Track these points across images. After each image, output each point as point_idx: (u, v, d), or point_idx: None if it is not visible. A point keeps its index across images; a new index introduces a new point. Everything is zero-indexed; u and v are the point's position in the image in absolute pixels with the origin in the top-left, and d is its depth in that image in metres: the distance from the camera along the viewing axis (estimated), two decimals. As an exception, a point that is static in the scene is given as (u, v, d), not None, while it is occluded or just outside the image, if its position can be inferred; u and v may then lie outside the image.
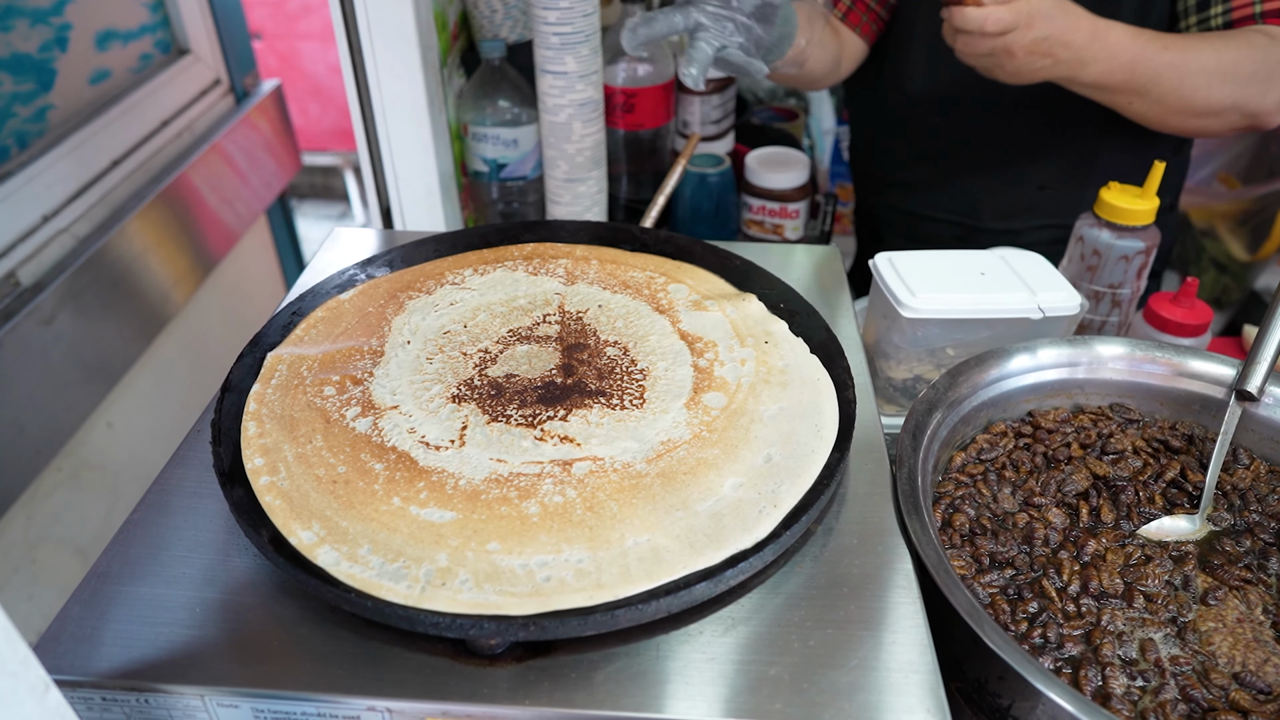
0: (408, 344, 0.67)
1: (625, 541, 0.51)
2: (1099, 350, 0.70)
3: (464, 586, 0.48)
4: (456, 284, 0.74)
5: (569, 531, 0.51)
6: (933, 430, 0.64)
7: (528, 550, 0.50)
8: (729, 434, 0.58)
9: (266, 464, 0.55)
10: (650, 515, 0.52)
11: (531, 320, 0.70)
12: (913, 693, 0.47)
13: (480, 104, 1.10)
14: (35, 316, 1.29)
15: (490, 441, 0.57)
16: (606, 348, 0.66)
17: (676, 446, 0.57)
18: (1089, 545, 0.60)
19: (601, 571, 0.49)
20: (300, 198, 3.34)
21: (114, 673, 0.47)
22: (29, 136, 1.35)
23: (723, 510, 0.53)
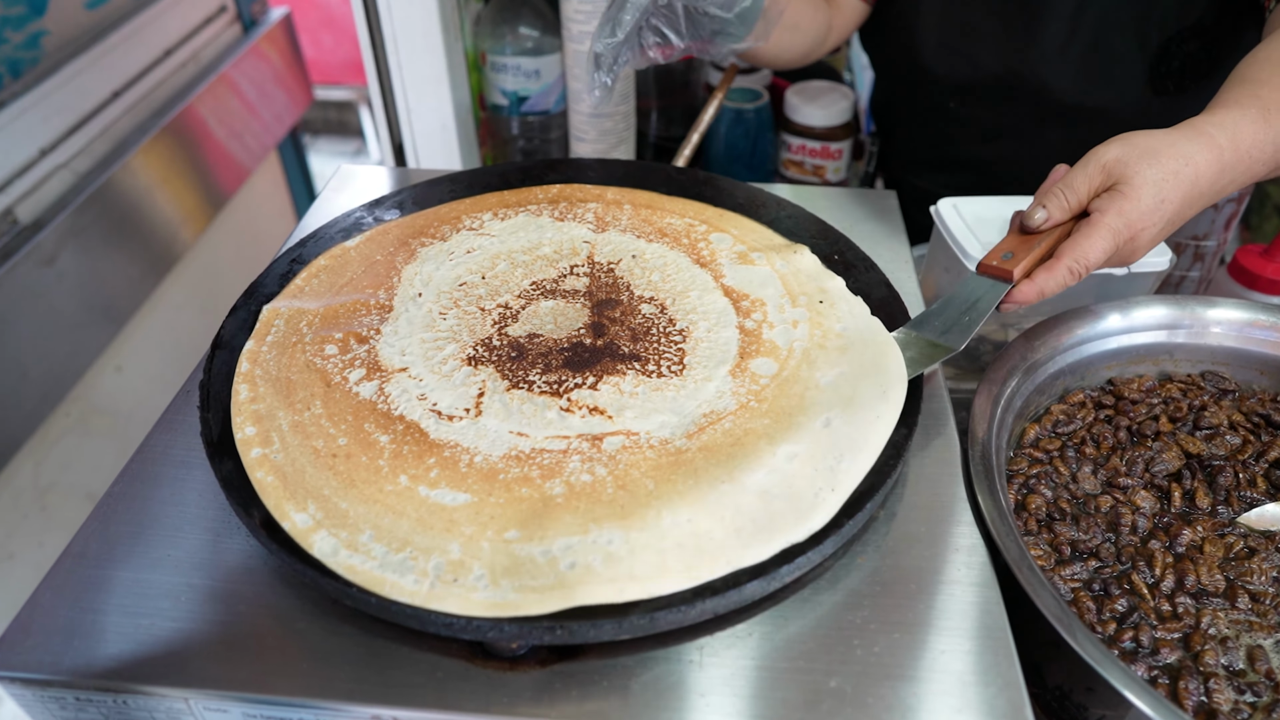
0: (419, 297, 0.60)
1: (662, 521, 0.44)
2: (1203, 312, 0.62)
3: (479, 584, 0.42)
4: (474, 229, 0.67)
5: (597, 510, 0.45)
6: (1007, 401, 0.57)
7: (550, 533, 0.44)
8: (780, 402, 0.51)
9: (259, 434, 0.49)
10: (692, 491, 0.46)
11: (557, 272, 0.63)
12: (995, 709, 0.41)
13: (499, 31, 1.01)
14: (35, 256, 1.23)
15: (510, 412, 0.51)
16: (641, 304, 0.59)
17: (721, 418, 0.51)
18: (1183, 534, 0.53)
19: (635, 558, 0.43)
20: (314, 133, 3.24)
21: (89, 670, 0.42)
22: (22, 65, 1.28)
23: (774, 488, 0.46)
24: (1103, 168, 0.57)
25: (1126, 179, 0.56)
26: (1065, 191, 0.58)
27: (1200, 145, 0.57)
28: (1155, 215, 0.56)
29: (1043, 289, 0.57)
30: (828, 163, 1.11)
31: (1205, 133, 0.57)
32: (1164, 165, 0.56)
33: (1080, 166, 0.58)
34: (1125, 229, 0.56)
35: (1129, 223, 0.56)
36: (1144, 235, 0.56)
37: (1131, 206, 0.56)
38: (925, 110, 0.99)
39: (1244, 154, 0.58)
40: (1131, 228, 0.56)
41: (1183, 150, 0.56)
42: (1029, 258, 0.57)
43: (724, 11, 0.68)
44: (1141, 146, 0.57)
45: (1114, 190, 0.57)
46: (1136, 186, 0.56)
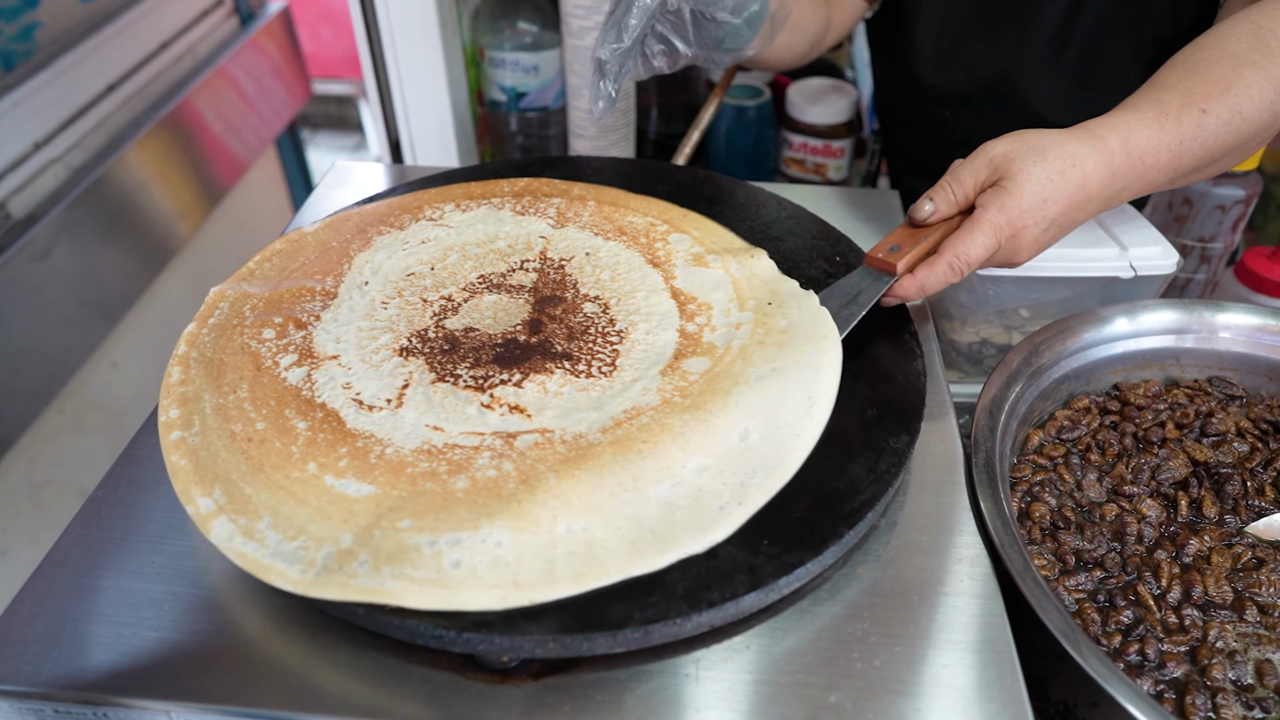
0: (365, 285, 0.59)
1: (556, 527, 0.43)
2: (1211, 317, 0.61)
3: (360, 569, 0.41)
4: (434, 220, 0.66)
5: (493, 505, 0.44)
6: (1010, 406, 0.56)
7: (442, 525, 0.43)
8: (704, 397, 0.50)
9: (181, 416, 0.48)
10: (592, 495, 0.44)
11: (507, 266, 0.62)
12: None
13: (498, 25, 1.00)
14: (29, 251, 1.22)
15: (431, 405, 0.50)
16: (584, 303, 0.58)
17: (640, 413, 0.49)
18: (1190, 544, 0.52)
19: (521, 565, 0.41)
20: (313, 128, 3.23)
21: (69, 682, 0.41)
22: (15, 57, 1.26)
23: (678, 500, 0.45)
24: (990, 161, 0.57)
25: (1011, 175, 0.56)
26: (952, 185, 0.58)
27: (1090, 148, 0.56)
28: (1037, 214, 0.55)
29: (924, 284, 0.57)
30: (829, 161, 1.09)
31: (1097, 135, 0.56)
32: (1050, 164, 0.55)
33: (969, 161, 0.58)
34: (1006, 225, 0.55)
35: (1010, 219, 0.55)
36: (1026, 234, 0.56)
37: (1013, 203, 0.55)
38: (921, 118, 0.97)
39: (1137, 159, 0.57)
40: (1012, 224, 0.55)
41: (1071, 150, 0.56)
42: (914, 251, 0.57)
43: (733, 17, 0.66)
44: (1030, 143, 0.56)
45: (998, 186, 0.56)
46: (1020, 183, 0.55)
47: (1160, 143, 0.57)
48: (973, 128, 0.92)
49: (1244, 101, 0.58)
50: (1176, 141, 0.57)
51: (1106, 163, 0.56)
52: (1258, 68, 0.58)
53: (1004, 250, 0.57)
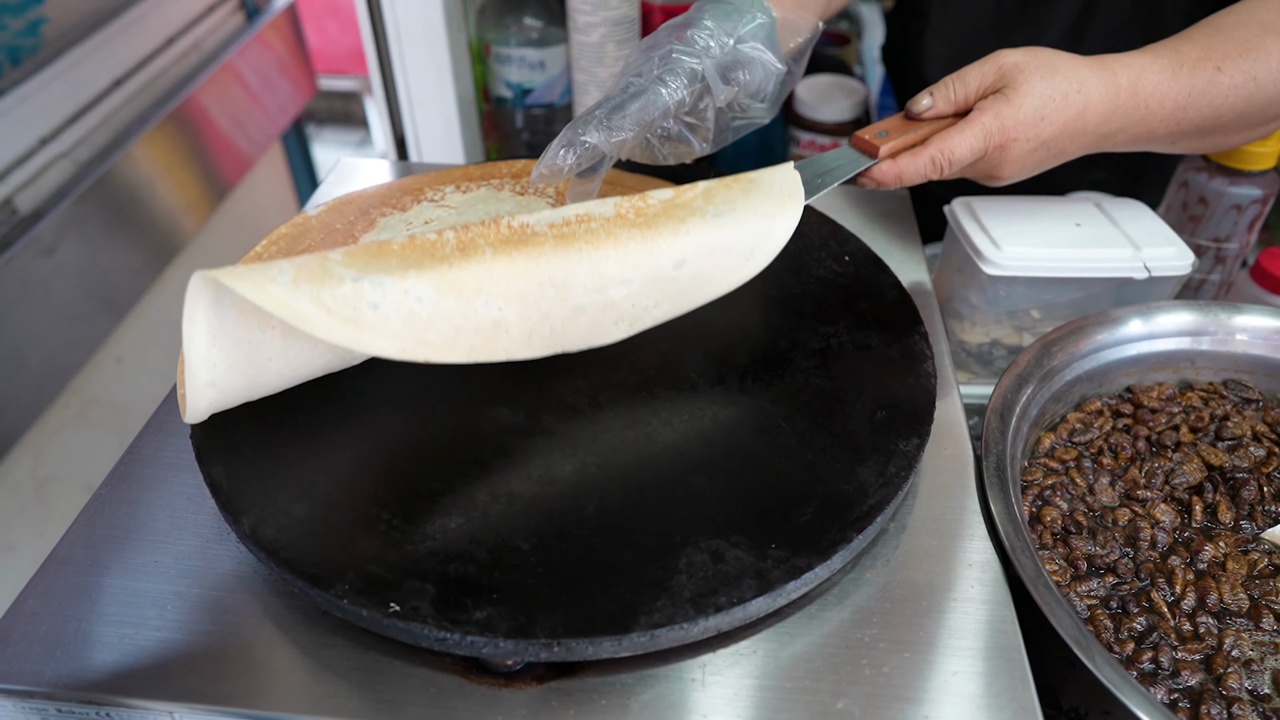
0: None
1: (476, 299, 0.44)
2: (1228, 319, 0.60)
3: (280, 278, 0.40)
4: (436, 200, 0.67)
5: (425, 262, 0.43)
6: (1022, 409, 0.55)
7: (370, 267, 0.42)
8: (658, 221, 0.49)
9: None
10: (520, 280, 0.45)
11: None
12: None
13: (504, 21, 0.99)
14: (35, 246, 1.22)
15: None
16: None
17: (590, 219, 0.48)
18: (1205, 550, 0.51)
19: (432, 325, 0.43)
20: (319, 123, 3.22)
21: (72, 681, 0.41)
22: (21, 52, 1.26)
23: (589, 307, 0.47)
24: (998, 68, 0.56)
25: (1015, 84, 0.55)
26: (955, 84, 0.57)
27: (1099, 78, 0.55)
28: (1031, 130, 0.55)
29: (902, 173, 0.56)
30: (838, 159, 1.08)
31: (1110, 68, 0.56)
32: (1057, 84, 0.55)
33: (978, 64, 0.57)
34: (998, 133, 0.55)
35: (1003, 127, 0.54)
36: (1014, 148, 0.55)
37: (1010, 112, 0.54)
38: None
39: (1141, 102, 0.56)
40: (1004, 133, 0.55)
41: (1081, 76, 0.55)
42: (901, 140, 0.56)
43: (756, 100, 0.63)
44: (1043, 60, 0.55)
45: (999, 93, 0.55)
46: (1023, 94, 0.54)
47: (1168, 90, 0.57)
48: None
49: (1261, 68, 0.57)
50: (1185, 93, 0.57)
51: (1111, 97, 0.56)
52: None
53: (989, 159, 0.56)
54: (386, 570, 0.41)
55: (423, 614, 0.39)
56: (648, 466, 0.47)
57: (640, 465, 0.47)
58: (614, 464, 0.47)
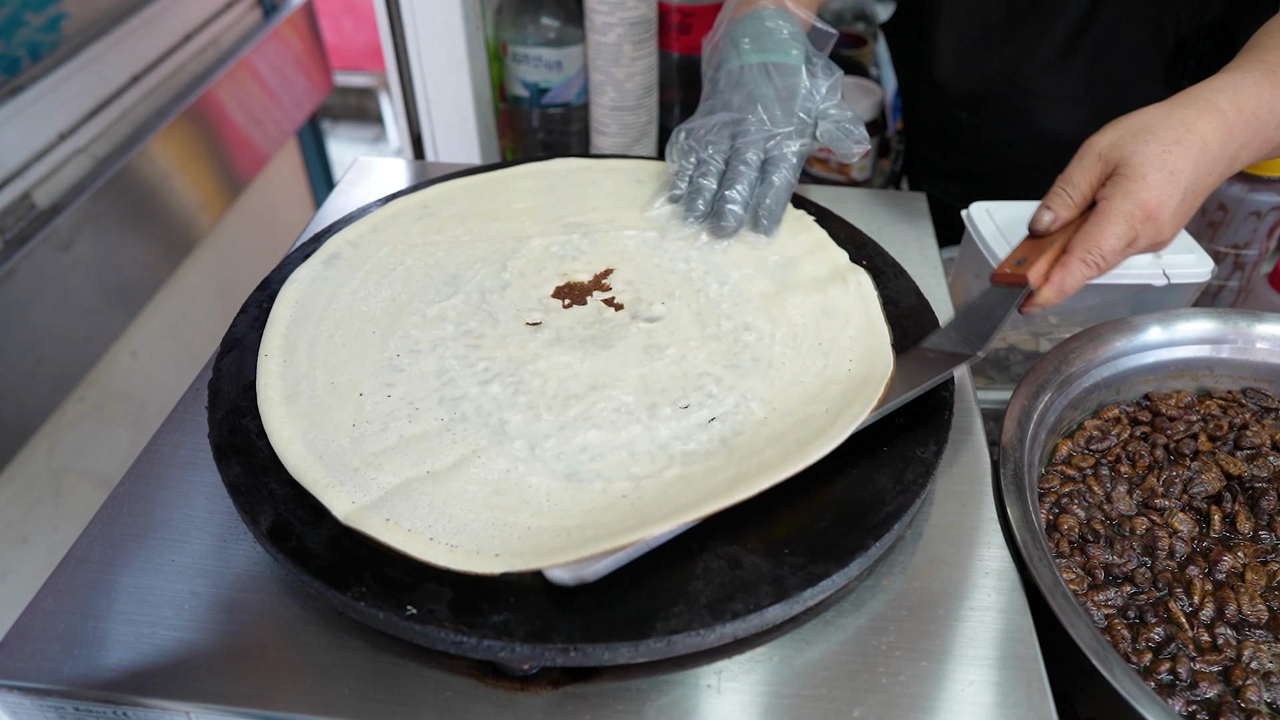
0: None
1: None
2: (1248, 327, 0.60)
3: None
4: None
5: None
6: (1039, 416, 0.55)
7: None
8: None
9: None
10: None
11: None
12: (1026, 748, 0.39)
13: (521, 21, 0.99)
14: (52, 241, 1.23)
15: None
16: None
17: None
18: (1223, 560, 0.51)
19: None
20: (334, 119, 3.23)
21: (89, 680, 0.41)
22: (42, 48, 1.27)
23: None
24: (1099, 156, 0.55)
25: (1125, 160, 0.54)
26: (1067, 189, 0.56)
27: (1198, 110, 0.54)
28: (1168, 188, 0.53)
29: (1061, 286, 0.54)
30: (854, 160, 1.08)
31: (1202, 98, 0.55)
32: (1162, 137, 0.53)
33: (1076, 160, 0.56)
34: (1138, 210, 0.53)
35: (1140, 204, 0.53)
36: (1164, 212, 0.53)
37: (1138, 186, 0.53)
38: (940, 121, 0.96)
39: (1250, 116, 0.55)
40: (1145, 208, 0.53)
41: (1180, 118, 0.54)
42: (1043, 259, 0.55)
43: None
44: (1135, 126, 0.54)
45: (1116, 175, 0.54)
46: (1137, 165, 0.53)
47: (1272, 97, 0.55)
48: (986, 130, 0.91)
49: None
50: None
51: (1220, 121, 0.55)
52: None
53: (1144, 235, 0.54)
54: (403, 572, 0.41)
55: (439, 617, 0.39)
56: (664, 471, 0.47)
57: (656, 470, 0.47)
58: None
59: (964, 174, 0.98)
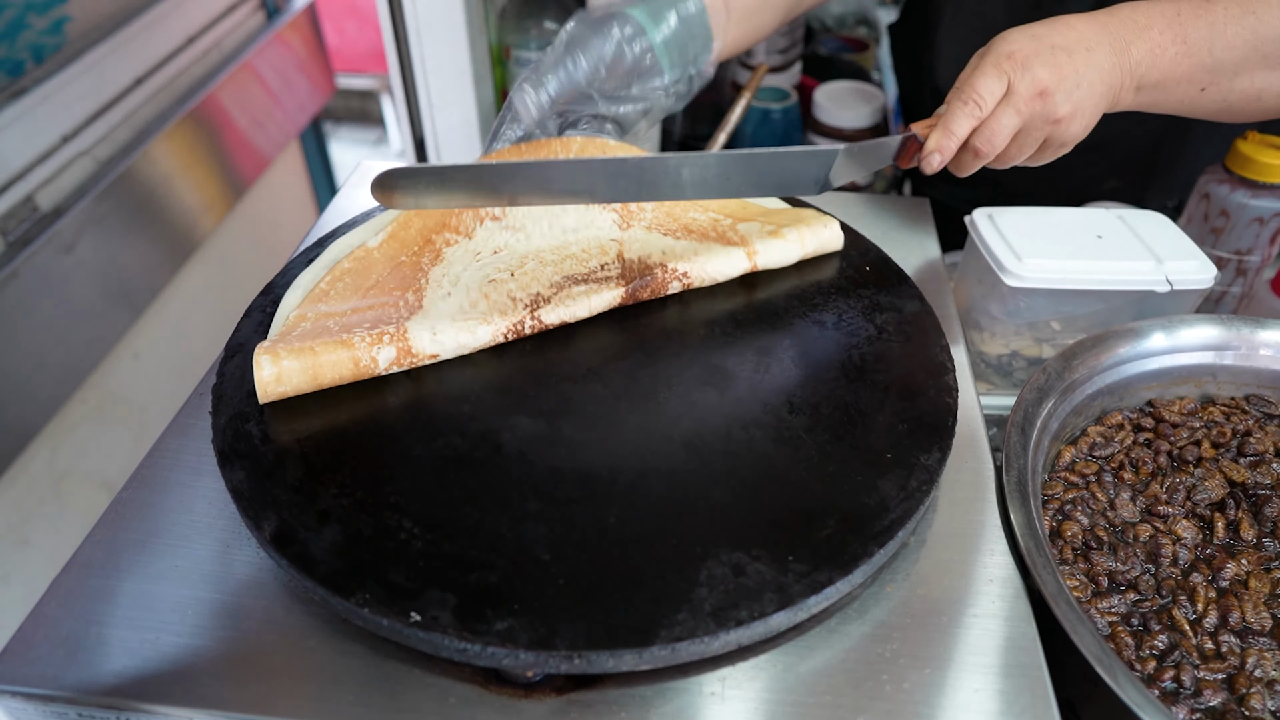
0: (449, 296, 0.59)
1: None
2: (1252, 334, 0.60)
3: None
4: (499, 219, 0.65)
5: None
6: (1042, 422, 0.55)
7: None
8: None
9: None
10: None
11: (587, 269, 0.61)
12: (1030, 756, 0.39)
13: (524, 24, 0.99)
14: (55, 243, 1.23)
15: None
16: (673, 280, 0.61)
17: None
18: (1227, 568, 0.51)
19: None
20: (336, 121, 3.24)
21: (92, 686, 0.41)
22: (45, 50, 1.27)
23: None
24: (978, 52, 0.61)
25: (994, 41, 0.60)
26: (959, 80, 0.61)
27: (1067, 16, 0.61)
28: (1030, 43, 0.58)
29: (947, 125, 0.60)
30: (856, 165, 1.08)
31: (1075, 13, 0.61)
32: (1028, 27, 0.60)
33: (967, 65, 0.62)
34: (1005, 56, 0.58)
35: (1008, 52, 0.58)
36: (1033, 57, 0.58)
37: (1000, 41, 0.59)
38: None
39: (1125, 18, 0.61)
40: (1011, 54, 0.58)
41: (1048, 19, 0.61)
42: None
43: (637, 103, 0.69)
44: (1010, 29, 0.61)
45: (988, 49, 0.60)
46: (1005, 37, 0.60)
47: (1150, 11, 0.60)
48: None
49: (1260, 5, 0.60)
50: (1173, 13, 0.60)
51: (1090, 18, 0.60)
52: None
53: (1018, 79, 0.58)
54: (407, 579, 0.41)
55: (443, 624, 0.39)
56: (669, 477, 0.47)
57: (661, 476, 0.47)
58: (635, 474, 0.47)
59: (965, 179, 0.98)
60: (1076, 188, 0.90)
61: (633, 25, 0.66)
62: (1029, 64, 0.58)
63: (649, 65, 0.68)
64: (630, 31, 0.66)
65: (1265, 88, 0.63)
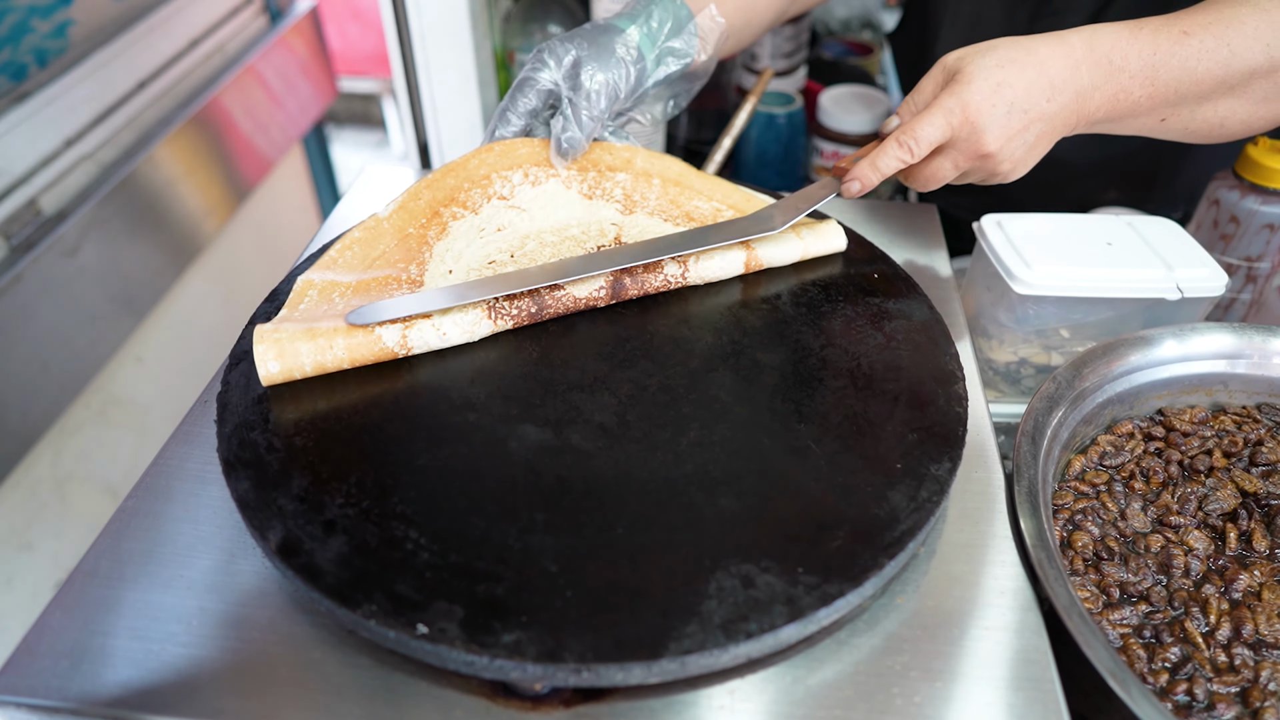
0: (449, 274, 0.60)
1: None
2: (1264, 342, 0.59)
3: None
4: (505, 198, 0.67)
5: None
6: (1053, 431, 0.55)
7: None
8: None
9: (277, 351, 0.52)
10: None
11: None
12: (1044, 772, 0.39)
13: (529, 29, 0.99)
14: (59, 247, 1.23)
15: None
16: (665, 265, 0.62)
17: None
18: (1240, 579, 0.50)
19: None
20: (338, 124, 3.24)
21: (96, 697, 0.41)
22: (49, 54, 1.27)
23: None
24: (943, 66, 0.59)
25: (962, 69, 0.58)
26: (914, 96, 0.60)
27: (1047, 40, 0.58)
28: (992, 97, 0.56)
29: (874, 162, 0.59)
30: (861, 170, 1.08)
31: (1058, 33, 0.58)
32: (1000, 54, 0.57)
33: (928, 74, 0.60)
34: (959, 109, 0.57)
35: (962, 103, 0.57)
36: (984, 117, 0.57)
37: (962, 88, 0.57)
38: None
39: (1102, 57, 0.58)
40: (965, 108, 0.57)
41: (1025, 43, 0.58)
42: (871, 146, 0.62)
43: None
44: (981, 45, 0.59)
45: (951, 80, 0.58)
46: (969, 72, 0.57)
47: (1130, 47, 0.58)
48: None
49: (1235, 35, 0.58)
50: (1150, 51, 0.58)
51: (1066, 54, 0.57)
52: (1255, 7, 0.58)
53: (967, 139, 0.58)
54: (414, 590, 0.41)
55: (451, 636, 0.39)
56: (677, 487, 0.47)
57: (669, 486, 0.47)
58: (643, 484, 0.47)
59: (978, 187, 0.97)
60: (1077, 198, 0.90)
61: (635, 50, 0.67)
62: (978, 126, 0.57)
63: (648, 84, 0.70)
64: (634, 57, 0.67)
65: (1228, 115, 0.63)
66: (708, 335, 0.57)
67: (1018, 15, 0.82)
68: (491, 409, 0.51)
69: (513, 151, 0.69)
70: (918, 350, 0.56)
